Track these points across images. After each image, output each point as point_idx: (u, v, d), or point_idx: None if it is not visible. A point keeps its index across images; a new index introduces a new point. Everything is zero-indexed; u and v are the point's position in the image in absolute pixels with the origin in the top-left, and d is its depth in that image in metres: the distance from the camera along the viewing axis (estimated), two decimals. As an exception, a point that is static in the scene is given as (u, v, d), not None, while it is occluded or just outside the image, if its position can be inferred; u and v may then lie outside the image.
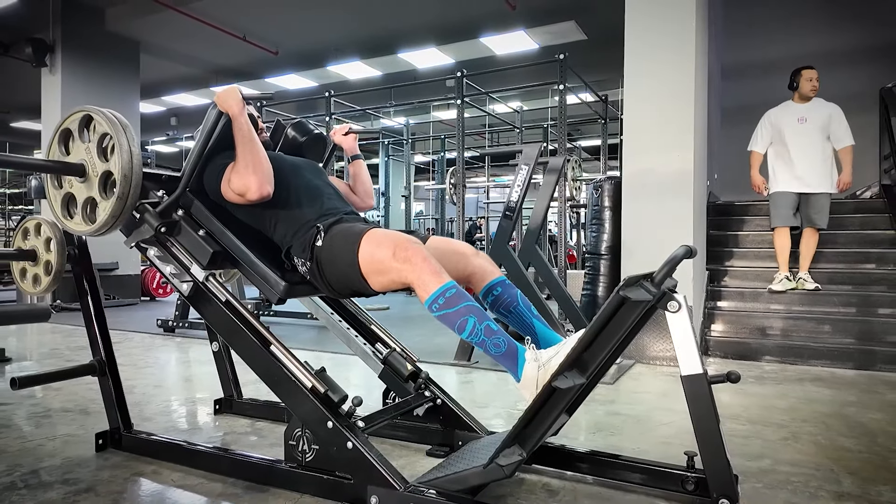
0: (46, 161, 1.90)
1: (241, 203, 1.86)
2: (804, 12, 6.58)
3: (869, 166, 6.09)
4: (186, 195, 1.92)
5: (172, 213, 1.92)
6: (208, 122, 1.88)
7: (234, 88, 1.87)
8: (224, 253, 1.87)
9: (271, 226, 1.89)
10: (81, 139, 1.88)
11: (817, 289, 4.24)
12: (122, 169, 1.77)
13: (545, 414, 1.48)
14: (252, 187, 1.78)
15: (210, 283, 1.88)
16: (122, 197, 1.78)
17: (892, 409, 2.83)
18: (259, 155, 1.82)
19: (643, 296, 1.40)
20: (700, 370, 1.45)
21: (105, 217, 1.82)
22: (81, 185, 1.89)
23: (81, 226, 1.90)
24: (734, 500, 1.45)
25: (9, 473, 1.95)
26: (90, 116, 1.85)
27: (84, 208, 1.90)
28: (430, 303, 1.58)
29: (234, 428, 2.49)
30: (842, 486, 1.88)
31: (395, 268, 1.62)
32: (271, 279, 1.80)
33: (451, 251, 1.84)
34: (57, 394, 2.99)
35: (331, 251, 1.74)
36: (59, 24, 7.29)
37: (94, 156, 1.85)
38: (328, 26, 8.07)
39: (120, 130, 1.78)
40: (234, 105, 1.83)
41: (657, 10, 3.98)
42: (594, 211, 4.60)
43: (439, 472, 1.68)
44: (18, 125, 13.18)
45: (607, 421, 2.60)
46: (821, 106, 4.36)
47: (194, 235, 1.88)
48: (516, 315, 1.79)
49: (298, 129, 2.28)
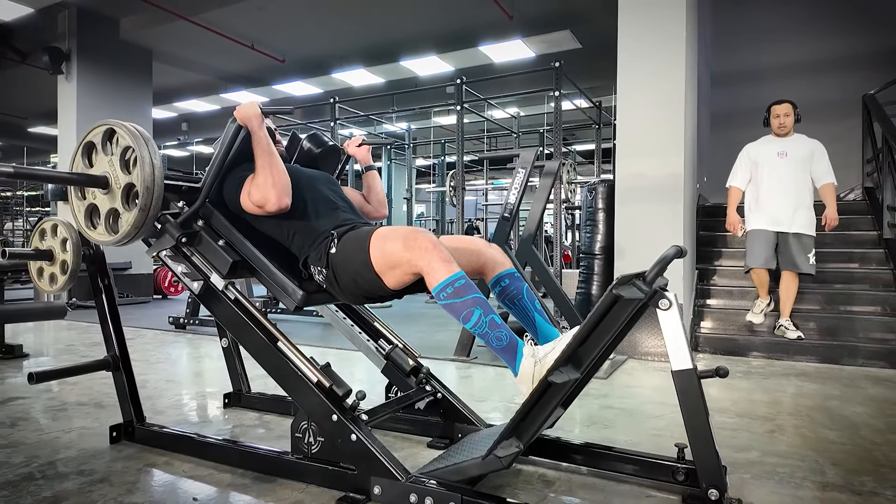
0: (71, 174, 1.88)
1: (259, 214, 1.85)
2: (790, 22, 6.58)
3: (852, 169, 6.11)
4: (206, 206, 1.91)
5: (193, 223, 1.91)
6: (227, 135, 1.87)
7: (254, 103, 1.85)
8: (243, 262, 1.87)
9: (289, 237, 1.87)
10: (104, 152, 1.86)
11: (800, 338, 3.82)
12: (145, 181, 1.75)
13: (541, 407, 1.48)
14: (271, 200, 1.77)
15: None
16: (145, 209, 1.77)
17: (873, 402, 2.83)
18: (278, 168, 1.80)
19: (635, 294, 1.40)
20: (690, 365, 1.45)
21: (128, 228, 1.81)
22: (104, 196, 1.87)
23: (104, 236, 1.89)
24: (723, 490, 1.45)
25: (27, 464, 1.95)
26: (113, 130, 1.84)
27: (107, 219, 1.88)
28: (439, 290, 1.56)
29: (243, 421, 2.49)
30: (826, 477, 1.88)
31: (406, 257, 1.60)
32: (289, 288, 1.79)
33: (464, 248, 1.82)
34: (73, 388, 2.99)
35: (344, 255, 1.73)
36: (75, 33, 7.28)
37: (117, 168, 1.83)
38: (333, 35, 8.07)
39: (142, 144, 1.77)
40: (253, 119, 1.82)
41: (649, 20, 3.98)
42: (588, 212, 4.60)
43: (440, 463, 1.68)
44: (35, 130, 13.19)
45: (601, 414, 2.60)
46: (802, 141, 3.94)
47: (214, 245, 1.87)
48: (520, 307, 1.79)
49: (314, 141, 2.25)
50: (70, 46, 7.30)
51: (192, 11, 7.04)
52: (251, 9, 7.02)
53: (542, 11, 7.12)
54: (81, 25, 7.31)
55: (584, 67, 8.15)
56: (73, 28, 7.28)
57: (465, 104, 5.46)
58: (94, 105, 7.44)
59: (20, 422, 2.44)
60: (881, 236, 4.58)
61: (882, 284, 4.22)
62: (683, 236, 3.93)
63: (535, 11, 7.12)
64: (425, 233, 1.63)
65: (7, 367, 3.57)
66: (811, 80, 6.57)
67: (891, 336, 3.81)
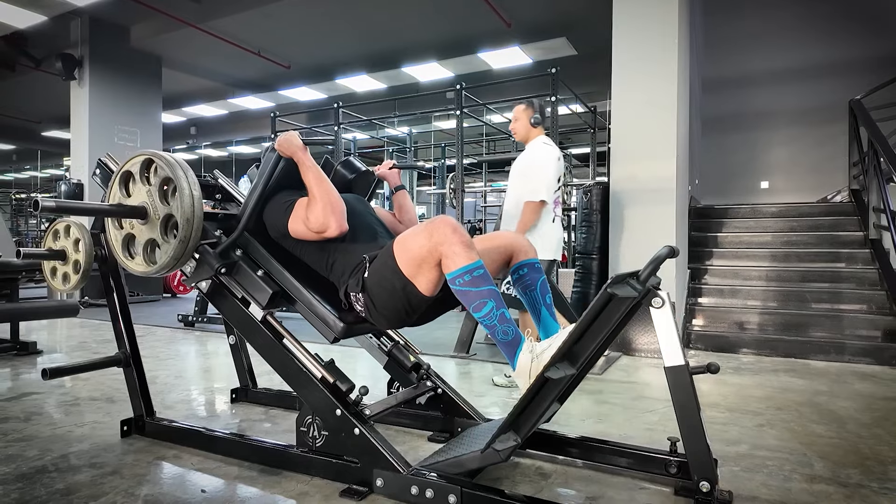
0: (112, 206, 1.82)
1: (311, 239, 1.79)
2: (778, 29, 6.59)
3: (839, 172, 6.11)
4: (243, 235, 1.85)
5: (231, 253, 1.86)
6: (267, 165, 1.82)
7: (294, 134, 1.81)
8: (282, 293, 1.81)
9: (328, 266, 1.81)
10: (142, 181, 1.82)
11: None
12: (185, 213, 1.71)
13: (538, 402, 1.48)
14: (332, 226, 1.73)
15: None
16: (185, 240, 1.72)
17: (860, 397, 2.83)
18: (334, 195, 1.76)
19: (629, 293, 1.40)
20: (682, 362, 1.44)
21: (167, 259, 1.76)
22: (142, 226, 1.82)
23: (143, 266, 1.84)
24: (714, 482, 1.45)
25: (40, 457, 1.95)
26: (151, 160, 1.79)
27: (145, 249, 1.83)
28: (456, 276, 1.53)
29: (250, 415, 2.49)
30: (814, 470, 1.88)
31: (429, 245, 1.56)
32: (330, 320, 1.75)
33: (494, 247, 1.78)
34: (85, 384, 2.99)
35: (376, 274, 1.68)
36: (88, 40, 7.29)
37: (156, 199, 1.78)
38: (337, 43, 8.07)
39: (181, 175, 1.72)
40: (297, 150, 1.79)
41: (642, 27, 3.98)
42: (584, 214, 4.59)
43: (440, 456, 1.68)
44: (49, 134, 13.19)
45: (596, 409, 2.59)
46: (526, 150, 3.17)
47: (253, 276, 1.82)
48: (530, 297, 1.79)
49: (348, 166, 2.20)
50: (82, 53, 7.30)
51: (200, 19, 7.04)
52: (258, 17, 7.02)
53: (539, 19, 7.12)
54: (93, 33, 7.31)
55: (580, 73, 8.15)
56: (85, 35, 7.29)
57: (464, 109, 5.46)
58: (105, 110, 7.45)
59: (34, 416, 2.44)
60: (867, 237, 4.58)
61: (868, 283, 4.22)
62: (676, 237, 3.93)
63: (533, 19, 7.12)
64: (446, 217, 1.60)
65: (21, 364, 3.57)
66: (799, 85, 6.58)
67: (876, 333, 3.81)
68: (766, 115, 6.70)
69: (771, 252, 4.74)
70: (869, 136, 4.49)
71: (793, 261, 4.62)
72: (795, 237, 4.86)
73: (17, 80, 9.13)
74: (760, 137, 6.76)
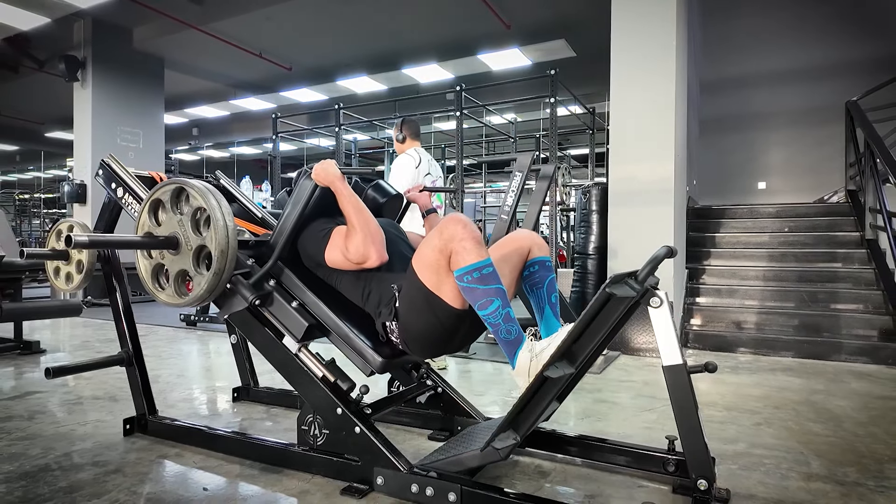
0: (143, 238, 1.75)
1: (349, 269, 1.75)
2: (776, 31, 6.58)
3: (836, 173, 6.11)
4: (277, 264, 1.80)
5: (265, 283, 1.80)
6: (303, 193, 1.77)
7: (331, 163, 1.76)
8: (318, 325, 1.76)
9: (364, 296, 1.75)
10: (173, 210, 1.75)
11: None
12: (219, 244, 1.64)
13: (537, 401, 1.48)
14: (372, 257, 1.69)
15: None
16: (219, 272, 1.66)
17: (856, 396, 2.83)
18: (373, 224, 1.71)
19: (628, 292, 1.40)
20: (680, 361, 1.44)
21: (201, 292, 1.69)
22: (173, 256, 1.75)
23: (174, 298, 1.77)
24: (711, 480, 1.45)
25: (44, 456, 1.95)
26: (182, 188, 1.73)
27: (176, 280, 1.77)
28: (464, 273, 1.50)
29: (251, 414, 2.49)
30: (811, 468, 1.88)
31: (440, 244, 1.54)
32: (368, 355, 1.69)
33: (511, 251, 1.77)
34: (88, 383, 2.99)
35: (405, 297, 1.64)
36: (90, 42, 7.28)
37: (188, 229, 1.72)
38: (338, 44, 8.07)
39: (214, 204, 1.65)
40: (335, 180, 1.73)
41: (641, 29, 3.98)
42: (582, 214, 4.60)
43: (440, 455, 1.68)
44: (52, 135, 13.18)
45: (595, 408, 2.59)
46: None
47: (288, 308, 1.76)
48: (535, 295, 1.78)
49: (379, 190, 2.13)
50: (85, 55, 7.30)
51: (202, 21, 7.04)
52: (259, 19, 7.02)
53: (538, 21, 7.12)
54: (96, 35, 7.31)
55: (579, 75, 8.15)
56: (88, 37, 7.29)
57: (464, 110, 5.45)
58: (108, 111, 7.45)
59: (37, 415, 2.44)
60: (864, 237, 4.57)
61: (864, 283, 4.22)
62: (674, 237, 3.93)
63: (532, 21, 7.12)
64: (456, 214, 1.58)
65: (25, 363, 3.57)
66: (796, 87, 6.57)
67: (873, 333, 3.81)
68: (763, 117, 6.70)
69: (768, 252, 4.74)
70: (865, 138, 4.49)
71: (790, 261, 4.62)
72: (793, 237, 4.86)
73: (20, 82, 9.13)
74: (758, 138, 6.76)
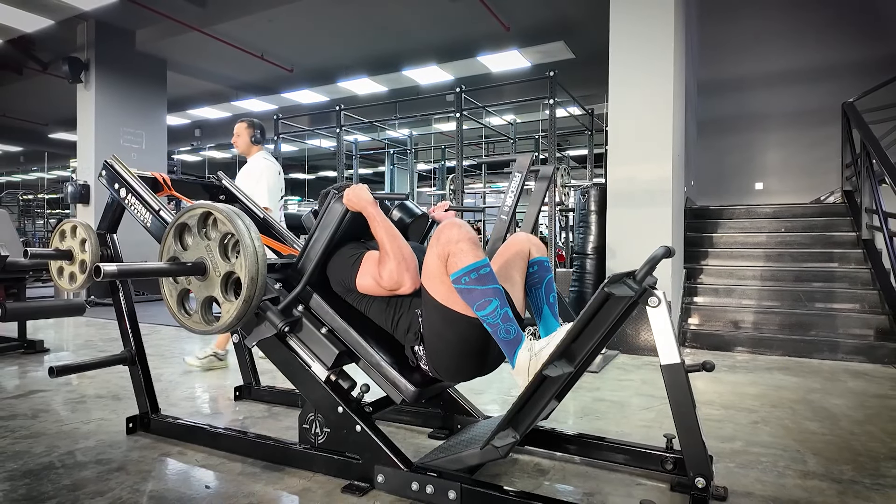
0: (171, 266, 1.68)
1: (381, 295, 1.73)
2: (773, 33, 6.58)
3: (832, 174, 6.11)
4: (305, 289, 1.77)
5: (293, 309, 1.77)
6: (333, 217, 1.75)
7: (364, 188, 1.74)
8: (348, 352, 1.72)
9: (393, 322, 1.73)
10: (200, 235, 1.70)
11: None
12: (249, 272, 1.58)
13: (536, 400, 1.48)
14: (406, 283, 1.66)
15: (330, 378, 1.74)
16: (248, 300, 1.59)
17: (852, 395, 2.83)
18: (407, 250, 1.68)
19: (626, 292, 1.40)
20: (678, 360, 1.44)
21: (229, 319, 1.62)
22: (200, 283, 1.70)
23: (201, 325, 1.70)
24: (709, 478, 1.45)
25: (47, 454, 1.95)
26: (209, 213, 1.67)
27: (203, 307, 1.71)
28: (463, 273, 1.50)
29: (253, 413, 2.49)
30: (807, 466, 1.88)
31: (439, 251, 1.53)
32: (401, 384, 1.65)
33: (511, 256, 1.77)
34: (91, 381, 2.99)
35: (427, 319, 1.63)
36: (94, 44, 7.28)
37: (216, 255, 1.66)
38: (338, 46, 8.07)
39: (244, 231, 1.59)
40: (367, 206, 1.70)
41: (639, 31, 3.98)
42: (581, 215, 4.60)
43: (440, 453, 1.69)
44: (56, 136, 13.18)
45: (593, 406, 2.59)
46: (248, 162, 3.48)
47: (317, 334, 1.72)
48: (534, 295, 1.78)
49: (405, 211, 2.10)
50: (88, 56, 7.30)
51: (204, 23, 7.03)
52: (261, 21, 7.02)
53: (537, 23, 7.12)
54: (99, 37, 7.31)
55: (578, 77, 8.15)
56: (91, 39, 7.28)
57: (464, 111, 5.45)
58: (111, 112, 7.44)
59: (41, 413, 2.44)
60: (860, 237, 4.58)
61: (861, 283, 4.22)
62: (671, 237, 3.93)
63: (531, 23, 7.11)
64: (452, 219, 1.58)
65: (29, 362, 3.57)
66: (793, 88, 6.58)
67: (869, 332, 3.81)
68: (760, 118, 6.70)
69: (765, 252, 4.74)
70: (861, 139, 4.49)
71: (787, 261, 4.62)
72: (790, 237, 4.86)
73: (24, 84, 9.13)
74: (755, 139, 6.76)
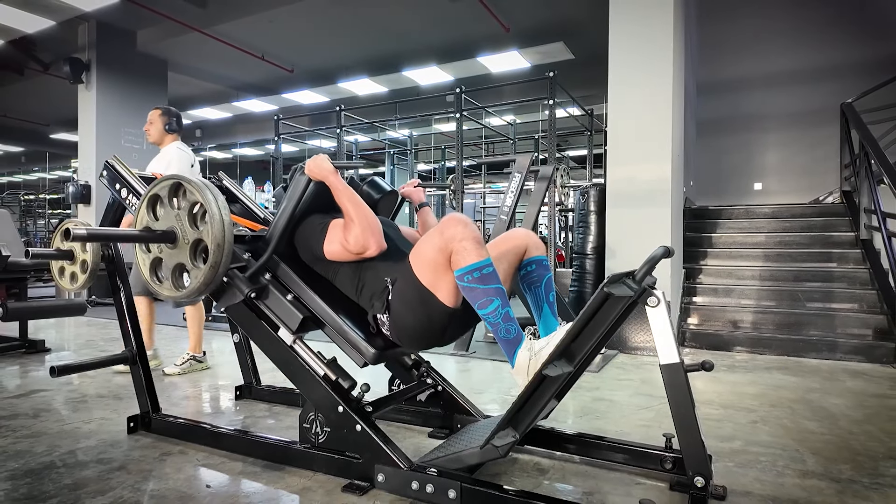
0: (142, 232, 1.75)
1: (348, 260, 1.76)
2: (772, 34, 6.58)
3: (831, 174, 6.11)
4: (272, 258, 1.81)
5: (260, 277, 1.81)
6: (297, 188, 1.79)
7: (324, 157, 1.78)
8: (312, 317, 1.77)
9: (357, 289, 1.77)
10: (171, 205, 1.75)
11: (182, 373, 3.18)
12: (215, 238, 1.64)
13: (536, 399, 1.48)
14: (371, 246, 1.70)
15: (297, 343, 1.81)
16: (215, 265, 1.66)
17: (851, 394, 2.83)
18: (370, 215, 1.73)
19: (625, 292, 1.40)
20: (677, 359, 1.44)
21: (197, 284, 1.69)
22: (171, 250, 1.75)
23: (171, 291, 1.76)
24: (708, 477, 1.45)
25: (49, 453, 1.95)
26: (179, 184, 1.73)
27: (173, 274, 1.76)
28: (465, 272, 1.51)
29: (254, 412, 2.49)
30: (806, 465, 1.88)
31: (441, 243, 1.54)
32: (362, 346, 1.70)
33: (509, 249, 1.77)
34: (92, 381, 2.99)
35: (399, 292, 1.65)
36: (95, 45, 7.29)
37: (185, 224, 1.72)
38: (339, 47, 8.07)
39: (210, 199, 1.66)
40: (328, 174, 1.75)
41: (638, 32, 3.98)
42: (581, 215, 4.60)
43: (440, 452, 1.68)
44: (57, 137, 13.19)
45: (593, 406, 2.59)
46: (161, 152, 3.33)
47: (283, 300, 1.77)
48: (533, 294, 1.78)
49: (374, 186, 2.15)
50: (90, 57, 7.30)
51: (205, 24, 7.04)
52: (262, 22, 7.02)
53: (537, 24, 7.13)
54: (100, 37, 7.31)
55: (577, 77, 8.15)
56: (92, 40, 7.29)
57: (464, 112, 5.45)
58: (112, 112, 7.45)
59: (42, 413, 2.44)
60: (858, 237, 4.58)
61: (859, 283, 4.22)
62: (671, 237, 3.93)
63: (531, 24, 7.12)
64: (457, 214, 1.59)
65: (30, 361, 3.57)
66: (792, 89, 6.58)
67: (867, 332, 3.81)
68: (759, 118, 6.70)
69: (764, 252, 4.74)
70: (860, 139, 4.49)
71: (786, 260, 4.62)
72: (788, 237, 4.86)
73: (26, 84, 9.13)
74: (754, 140, 6.76)
